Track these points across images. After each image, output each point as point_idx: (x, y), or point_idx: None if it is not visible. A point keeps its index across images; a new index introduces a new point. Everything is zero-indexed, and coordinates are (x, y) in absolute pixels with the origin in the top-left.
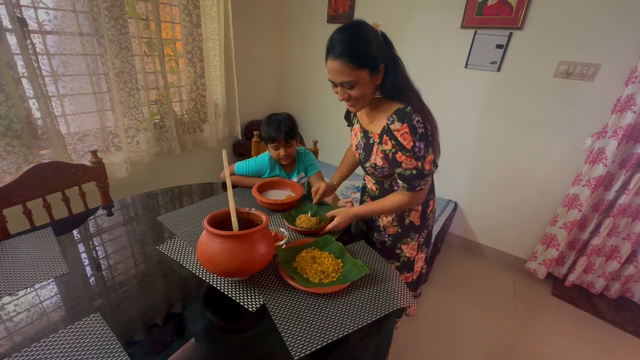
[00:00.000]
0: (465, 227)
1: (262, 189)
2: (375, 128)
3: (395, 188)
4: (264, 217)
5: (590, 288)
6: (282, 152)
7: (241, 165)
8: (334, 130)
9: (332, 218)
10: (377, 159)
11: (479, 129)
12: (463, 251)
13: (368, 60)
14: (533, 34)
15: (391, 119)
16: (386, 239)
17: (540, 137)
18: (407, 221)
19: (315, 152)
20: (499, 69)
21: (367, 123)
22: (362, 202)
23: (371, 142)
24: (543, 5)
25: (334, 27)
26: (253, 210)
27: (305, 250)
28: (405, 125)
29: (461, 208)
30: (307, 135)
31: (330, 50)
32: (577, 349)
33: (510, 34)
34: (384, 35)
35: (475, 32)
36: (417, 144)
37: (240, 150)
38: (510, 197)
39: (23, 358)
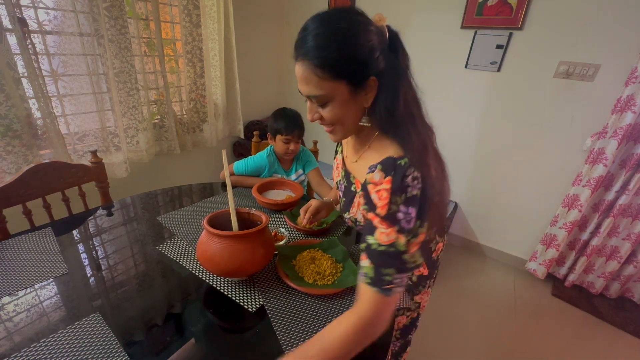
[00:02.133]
0: (465, 227)
1: (262, 189)
2: (359, 172)
3: None
4: (263, 217)
5: (590, 288)
6: (292, 146)
7: (240, 165)
8: None
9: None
10: (357, 213)
11: (479, 129)
12: (463, 251)
13: (350, 68)
14: (533, 34)
15: (373, 168)
16: None
17: (540, 137)
18: (414, 278)
19: (315, 152)
20: (499, 69)
21: (351, 161)
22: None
23: (352, 189)
24: (543, 5)
25: None
26: (253, 210)
27: (307, 250)
28: (388, 179)
29: (461, 208)
30: (307, 135)
31: (297, 47)
32: (577, 349)
33: (510, 34)
34: (393, 36)
35: (475, 32)
36: (400, 207)
37: (240, 150)
38: (511, 197)
39: (23, 358)
